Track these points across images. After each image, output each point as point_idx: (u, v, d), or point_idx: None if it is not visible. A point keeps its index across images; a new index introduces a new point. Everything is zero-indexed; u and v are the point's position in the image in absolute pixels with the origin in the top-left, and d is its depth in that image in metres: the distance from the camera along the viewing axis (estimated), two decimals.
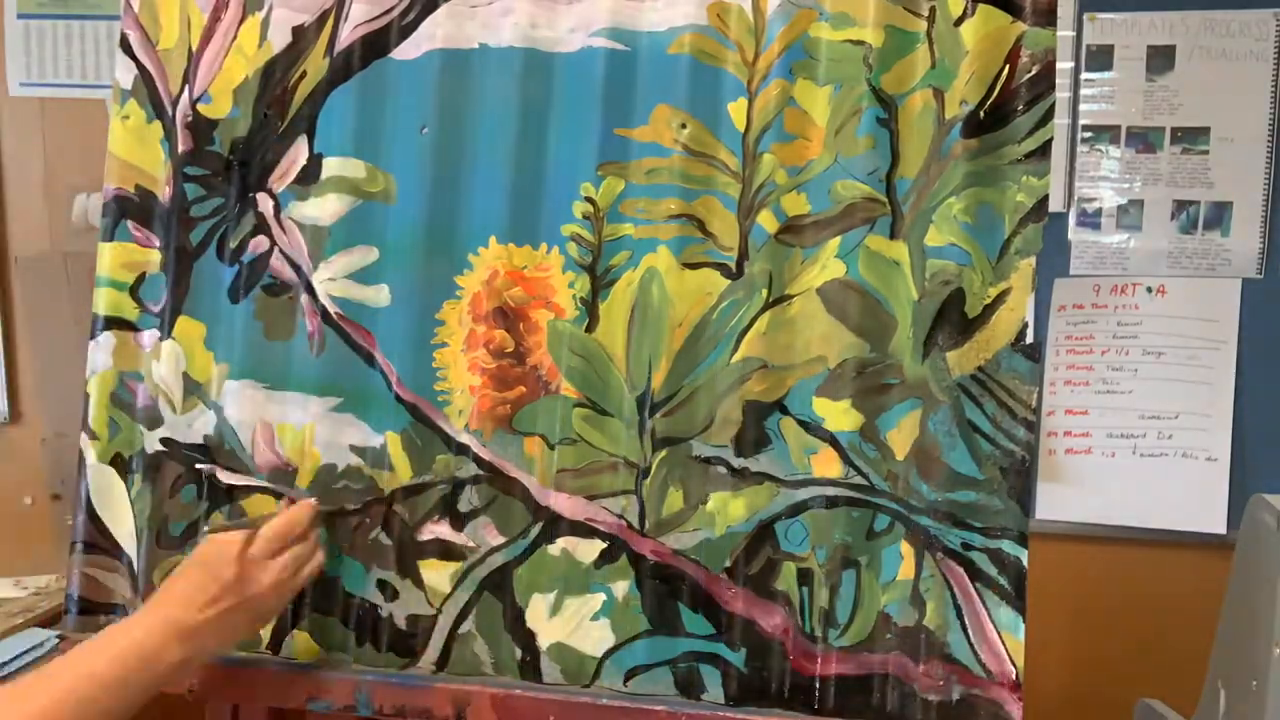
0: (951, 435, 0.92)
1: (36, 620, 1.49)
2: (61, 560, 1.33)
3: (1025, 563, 0.90)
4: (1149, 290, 1.75)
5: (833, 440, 0.94)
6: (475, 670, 0.99)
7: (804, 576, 0.94)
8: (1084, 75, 1.75)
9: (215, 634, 0.89)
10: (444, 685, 0.98)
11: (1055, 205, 1.72)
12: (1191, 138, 1.72)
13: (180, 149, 1.06)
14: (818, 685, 0.93)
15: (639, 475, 0.97)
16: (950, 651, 0.91)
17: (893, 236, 0.94)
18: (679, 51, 0.97)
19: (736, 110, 0.97)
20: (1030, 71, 0.92)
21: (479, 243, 1.00)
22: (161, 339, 1.06)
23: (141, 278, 1.08)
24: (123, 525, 1.07)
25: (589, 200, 0.99)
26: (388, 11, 1.03)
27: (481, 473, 1.00)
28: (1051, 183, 1.09)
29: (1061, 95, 1.74)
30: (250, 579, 0.91)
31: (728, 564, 0.95)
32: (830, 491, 0.94)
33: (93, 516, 1.07)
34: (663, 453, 0.96)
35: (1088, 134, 1.76)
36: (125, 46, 1.08)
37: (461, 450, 1.00)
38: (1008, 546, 0.90)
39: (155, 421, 1.06)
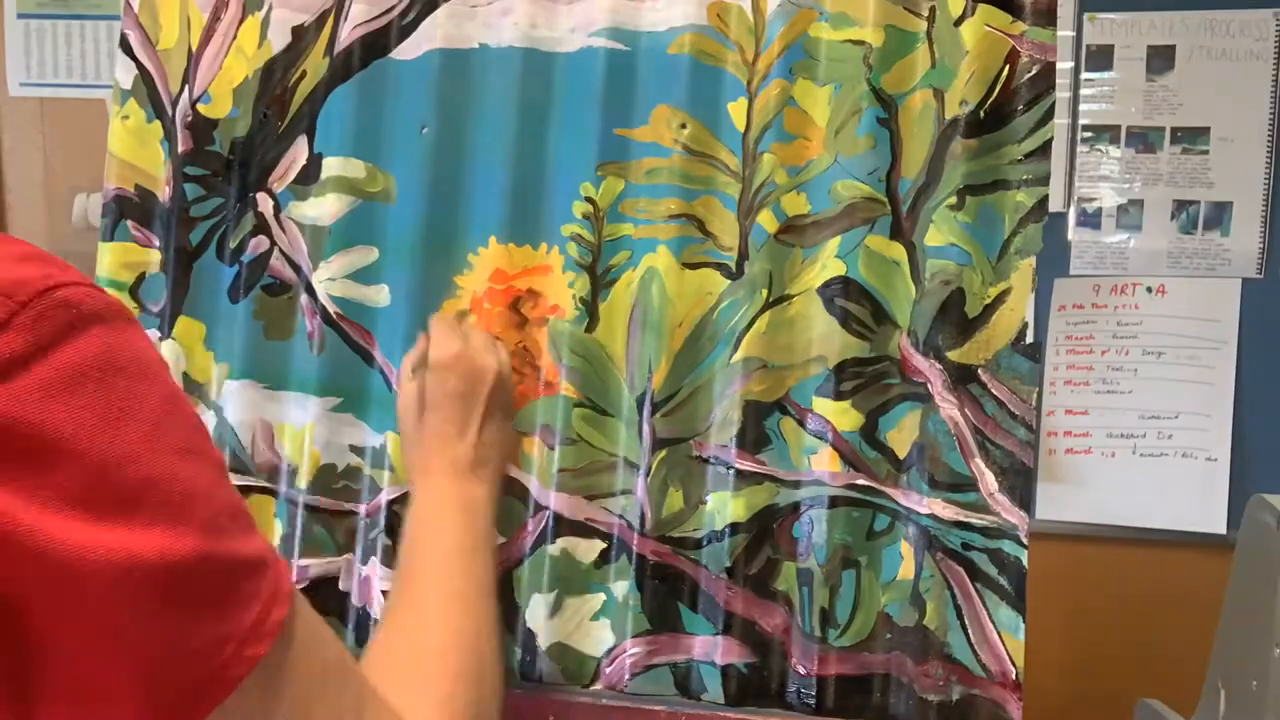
0: (951, 435, 0.92)
1: None
2: None
3: (1025, 563, 0.90)
4: (1149, 290, 1.75)
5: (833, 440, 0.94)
6: None
7: (804, 576, 0.94)
8: (1084, 75, 1.75)
9: (492, 445, 0.91)
10: None
11: (1055, 205, 1.72)
12: (1191, 138, 1.72)
13: (180, 149, 1.06)
14: (817, 685, 0.93)
15: (639, 475, 0.97)
16: (950, 651, 0.91)
17: (893, 236, 0.94)
18: (679, 51, 0.97)
19: (736, 110, 0.97)
20: (1030, 71, 0.92)
21: (479, 243, 1.00)
22: (161, 339, 1.06)
23: (141, 278, 1.08)
24: None
25: (589, 200, 0.98)
26: (388, 11, 1.03)
27: None
28: (1051, 183, 1.09)
29: (1061, 95, 1.74)
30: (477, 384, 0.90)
31: (728, 564, 0.94)
32: (830, 491, 0.93)
33: None
34: (663, 453, 0.96)
35: (1088, 134, 1.76)
36: (125, 46, 1.08)
37: None
38: (1008, 546, 0.90)
39: None
